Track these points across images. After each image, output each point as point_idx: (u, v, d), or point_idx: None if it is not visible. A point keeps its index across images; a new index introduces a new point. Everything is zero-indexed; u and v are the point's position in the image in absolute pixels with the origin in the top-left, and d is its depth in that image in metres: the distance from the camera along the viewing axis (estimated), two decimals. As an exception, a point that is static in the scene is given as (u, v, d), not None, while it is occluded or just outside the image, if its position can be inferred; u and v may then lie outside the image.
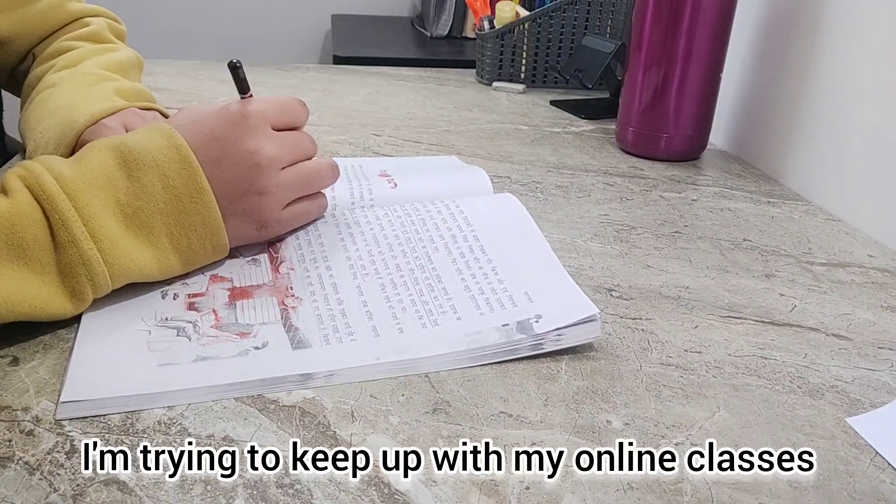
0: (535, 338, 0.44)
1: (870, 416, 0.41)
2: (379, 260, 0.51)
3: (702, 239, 0.62)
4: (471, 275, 0.49)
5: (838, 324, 0.50)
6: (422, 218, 0.55)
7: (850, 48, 0.69)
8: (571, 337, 0.44)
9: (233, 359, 0.42)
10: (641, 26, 0.79)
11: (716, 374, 0.44)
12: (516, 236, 0.53)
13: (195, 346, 0.43)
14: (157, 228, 0.45)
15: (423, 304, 0.47)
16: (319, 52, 2.18)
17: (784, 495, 0.35)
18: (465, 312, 0.46)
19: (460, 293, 0.48)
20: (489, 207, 0.57)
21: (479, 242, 0.52)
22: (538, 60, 1.11)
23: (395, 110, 0.95)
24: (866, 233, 0.66)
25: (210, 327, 0.44)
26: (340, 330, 0.45)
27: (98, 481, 0.33)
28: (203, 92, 0.99)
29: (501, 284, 0.48)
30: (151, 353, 0.42)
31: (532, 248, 0.52)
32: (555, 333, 0.44)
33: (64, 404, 0.38)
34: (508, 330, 0.44)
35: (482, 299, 0.47)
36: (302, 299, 0.47)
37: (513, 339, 0.44)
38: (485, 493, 0.34)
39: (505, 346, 0.44)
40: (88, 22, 0.77)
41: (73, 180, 0.43)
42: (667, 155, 0.81)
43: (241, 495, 0.33)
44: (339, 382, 0.41)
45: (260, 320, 0.45)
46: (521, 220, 0.55)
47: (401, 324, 0.45)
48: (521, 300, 0.47)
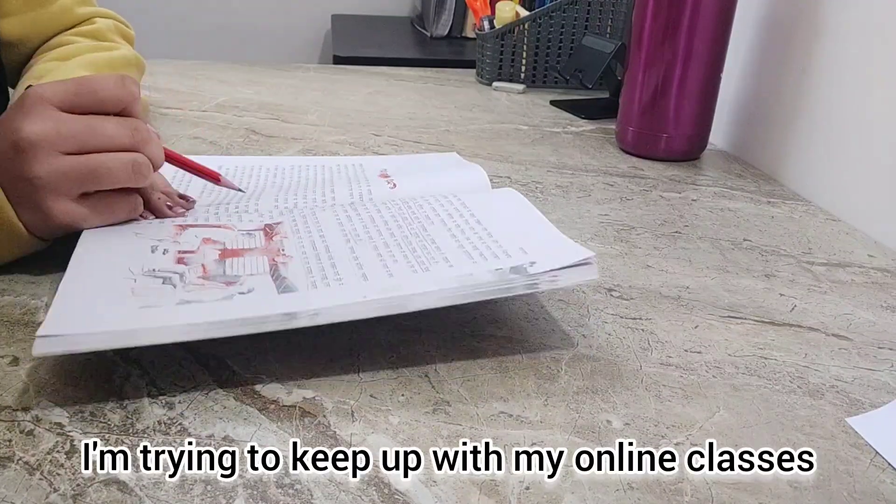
0: (530, 277, 0.43)
1: (870, 416, 0.41)
2: (373, 229, 0.50)
3: (702, 239, 0.62)
4: (465, 238, 0.48)
5: (838, 324, 0.50)
6: (419, 204, 0.54)
7: (850, 48, 0.69)
8: (567, 278, 0.43)
9: (217, 302, 0.41)
10: (641, 26, 0.79)
11: (716, 374, 0.44)
12: (514, 212, 0.53)
13: (179, 292, 0.42)
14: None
15: (416, 257, 0.46)
16: (319, 52, 2.18)
17: (784, 495, 0.35)
18: (457, 261, 0.45)
19: (454, 249, 0.47)
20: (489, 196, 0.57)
21: (475, 217, 0.51)
22: (538, 60, 1.11)
23: (395, 110, 0.95)
24: (866, 233, 0.66)
25: (197, 277, 0.44)
26: (329, 276, 0.44)
27: (98, 481, 0.33)
28: (203, 92, 0.99)
29: (496, 242, 0.47)
30: (134, 297, 0.41)
31: (528, 216, 0.52)
32: (550, 274, 0.43)
33: (40, 339, 0.37)
34: (501, 272, 0.43)
35: (476, 252, 0.46)
36: (293, 257, 0.47)
37: (506, 278, 0.43)
38: (485, 493, 0.34)
39: (498, 285, 0.42)
40: (94, 21, 0.77)
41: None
42: (667, 155, 0.81)
43: (241, 495, 0.33)
44: (325, 321, 0.40)
45: (248, 272, 0.45)
46: (520, 203, 0.54)
47: (390, 270, 0.44)
48: (514, 252, 0.46)
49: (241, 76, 1.09)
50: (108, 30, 0.78)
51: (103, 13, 0.79)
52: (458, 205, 0.54)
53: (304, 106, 0.95)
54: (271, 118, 0.89)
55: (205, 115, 0.89)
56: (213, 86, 1.03)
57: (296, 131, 0.85)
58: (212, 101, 0.95)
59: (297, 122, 0.88)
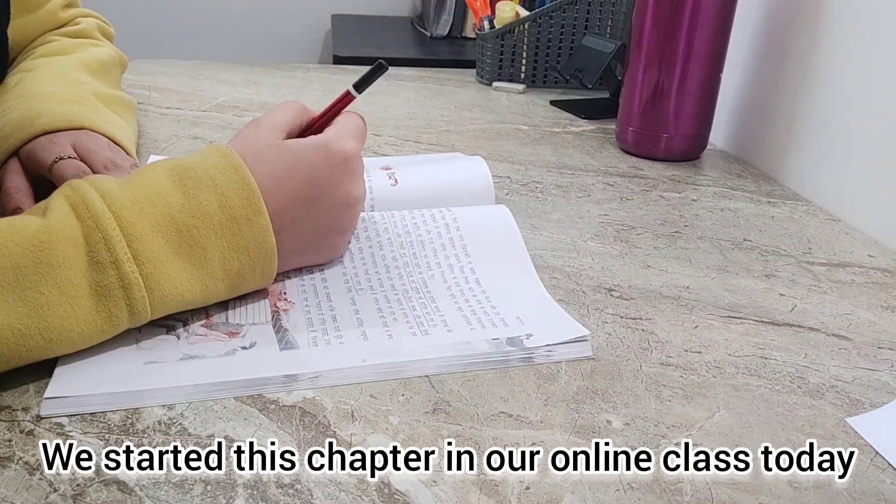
0: (526, 351, 0.44)
1: (870, 416, 0.41)
2: (374, 278, 0.51)
3: (702, 239, 0.62)
4: (465, 300, 0.49)
5: (838, 324, 0.50)
6: (421, 240, 0.54)
7: (850, 48, 0.69)
8: (562, 354, 0.45)
9: (219, 358, 0.42)
10: (641, 26, 0.79)
11: (716, 374, 0.44)
12: (509, 262, 0.54)
13: (183, 345, 0.43)
14: (210, 250, 0.43)
15: (415, 318, 0.47)
16: (319, 52, 2.18)
17: (784, 495, 0.35)
18: (455, 326, 0.46)
19: (452, 312, 0.48)
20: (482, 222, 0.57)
21: (470, 266, 0.52)
22: (538, 60, 1.11)
23: (395, 110, 0.95)
24: (866, 233, 0.66)
25: (200, 325, 0.44)
26: (329, 333, 0.45)
27: (98, 481, 0.33)
28: (203, 92, 0.99)
29: (494, 308, 0.48)
30: (139, 351, 0.42)
31: (521, 274, 0.53)
32: (545, 349, 0.44)
33: (48, 400, 0.38)
34: (498, 343, 0.45)
35: (474, 318, 0.47)
36: (294, 303, 0.47)
37: (502, 349, 0.44)
38: (485, 493, 0.34)
39: (494, 356, 0.44)
40: (79, 22, 0.79)
41: (121, 198, 0.41)
42: (667, 155, 0.81)
43: (241, 495, 0.33)
44: (324, 385, 0.41)
45: (250, 320, 0.45)
46: (511, 241, 0.55)
47: (391, 331, 0.45)
48: (512, 322, 0.47)
49: (240, 76, 1.09)
50: (93, 29, 0.79)
51: (85, 13, 0.81)
52: (457, 238, 0.54)
53: (304, 106, 0.95)
54: (271, 118, 0.89)
55: (205, 115, 0.89)
56: (213, 86, 1.03)
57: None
58: (212, 101, 0.95)
59: (297, 122, 0.88)
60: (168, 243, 0.41)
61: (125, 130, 0.64)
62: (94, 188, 0.41)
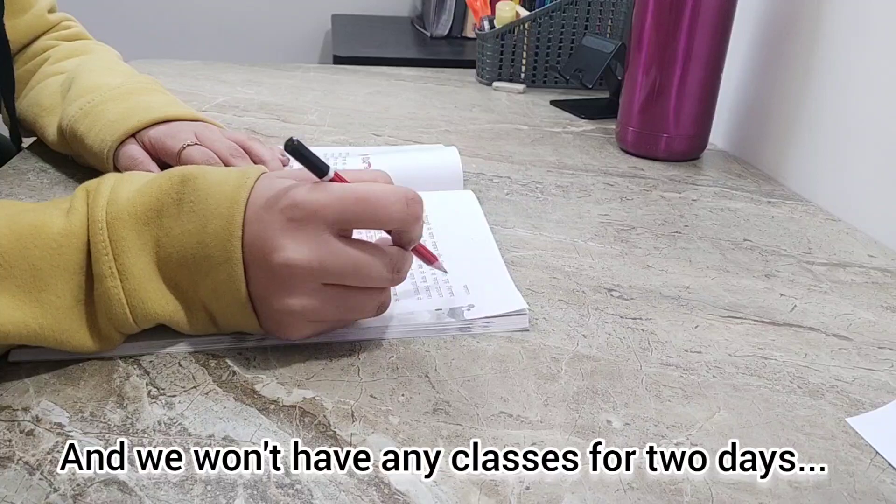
0: (464, 322, 0.47)
1: (870, 416, 0.41)
2: None
3: (702, 239, 0.62)
4: (419, 268, 0.52)
5: (838, 324, 0.50)
6: None
7: (850, 48, 0.69)
8: (499, 325, 0.47)
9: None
10: (641, 26, 0.79)
11: (716, 374, 0.44)
12: (469, 235, 0.57)
13: None
14: (183, 283, 0.41)
15: None
16: (319, 52, 2.18)
17: (784, 495, 0.35)
18: (403, 296, 0.49)
19: (405, 283, 0.49)
20: (447, 203, 0.61)
21: (432, 239, 0.56)
22: (538, 60, 1.11)
23: (395, 110, 0.95)
24: (866, 233, 0.66)
25: None
26: None
27: (98, 481, 0.33)
28: (203, 92, 0.99)
29: (444, 276, 0.51)
30: None
31: (480, 245, 0.56)
32: (483, 321, 0.47)
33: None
34: (440, 314, 0.47)
35: (423, 286, 0.50)
36: None
37: (442, 321, 0.46)
38: (485, 493, 0.34)
39: (433, 327, 0.46)
40: (69, 25, 0.80)
41: (121, 209, 0.40)
42: (667, 155, 0.81)
43: (241, 495, 0.33)
44: (271, 344, 0.43)
45: None
46: (474, 218, 0.60)
47: None
48: (459, 290, 0.50)
49: (241, 76, 1.09)
50: (83, 31, 0.81)
51: (68, 16, 0.82)
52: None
53: (304, 106, 0.95)
54: (271, 118, 0.89)
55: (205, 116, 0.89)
56: (213, 86, 1.03)
57: (296, 131, 0.85)
58: (212, 101, 0.95)
59: (298, 122, 0.88)
60: (150, 264, 0.40)
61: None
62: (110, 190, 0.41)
